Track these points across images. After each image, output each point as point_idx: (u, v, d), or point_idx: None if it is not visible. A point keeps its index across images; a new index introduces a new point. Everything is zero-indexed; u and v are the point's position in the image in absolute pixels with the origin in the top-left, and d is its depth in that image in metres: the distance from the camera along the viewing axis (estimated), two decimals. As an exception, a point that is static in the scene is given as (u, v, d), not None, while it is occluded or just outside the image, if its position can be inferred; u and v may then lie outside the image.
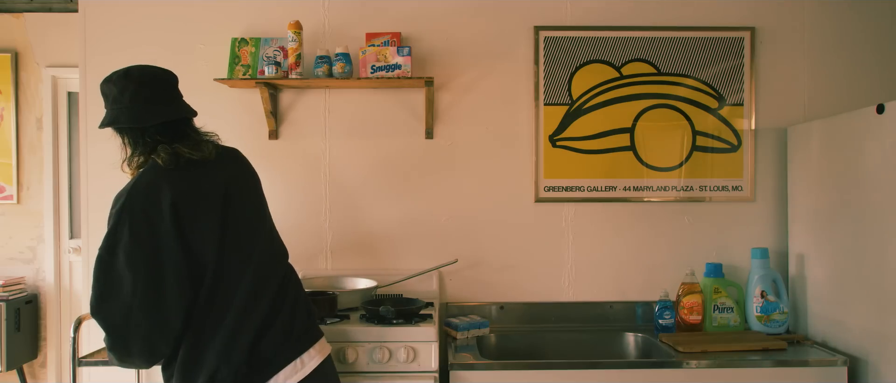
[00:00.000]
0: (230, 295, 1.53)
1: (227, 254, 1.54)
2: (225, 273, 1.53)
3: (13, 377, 3.55)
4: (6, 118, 3.65)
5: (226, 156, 1.68)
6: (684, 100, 2.48)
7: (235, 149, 1.76)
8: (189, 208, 1.50)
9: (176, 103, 1.64)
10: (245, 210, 1.62)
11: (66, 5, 3.60)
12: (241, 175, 1.69)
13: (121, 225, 1.47)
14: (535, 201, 2.48)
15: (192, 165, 1.57)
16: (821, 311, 2.21)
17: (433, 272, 2.39)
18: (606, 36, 2.48)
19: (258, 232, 1.64)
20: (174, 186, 1.50)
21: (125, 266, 1.45)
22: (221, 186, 1.58)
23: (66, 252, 3.71)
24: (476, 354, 2.03)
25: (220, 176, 1.60)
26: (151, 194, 1.49)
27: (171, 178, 1.52)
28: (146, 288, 1.45)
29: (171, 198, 1.48)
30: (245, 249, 1.57)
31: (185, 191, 1.51)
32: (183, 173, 1.54)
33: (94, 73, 2.48)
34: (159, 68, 1.64)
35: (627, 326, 2.42)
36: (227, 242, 1.54)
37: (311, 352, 1.60)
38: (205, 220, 1.52)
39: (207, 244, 1.51)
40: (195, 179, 1.56)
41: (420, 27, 2.48)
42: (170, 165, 1.52)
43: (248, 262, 1.57)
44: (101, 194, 2.48)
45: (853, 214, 2.03)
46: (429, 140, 2.48)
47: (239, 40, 2.42)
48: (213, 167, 1.61)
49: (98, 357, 2.09)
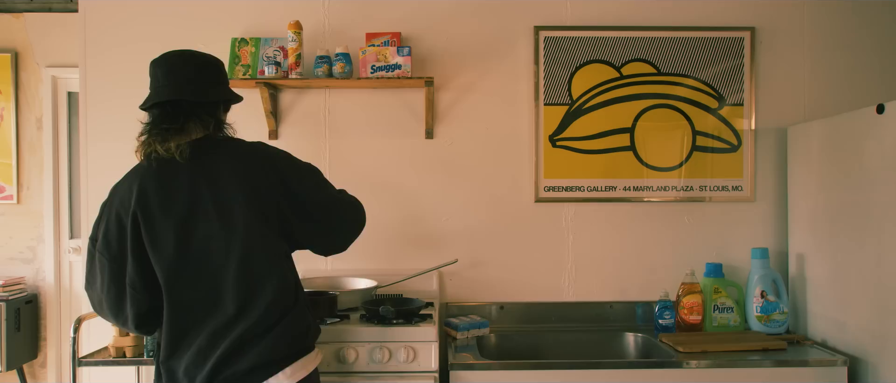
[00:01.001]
0: (185, 310, 1.48)
1: (179, 265, 1.46)
2: (177, 284, 1.47)
3: (13, 377, 3.55)
4: (6, 118, 3.65)
5: (220, 157, 1.53)
6: (684, 100, 2.48)
7: (238, 145, 1.60)
8: (150, 216, 1.47)
9: (170, 87, 1.53)
10: (210, 215, 1.47)
11: (66, 5, 3.60)
12: (223, 175, 1.50)
13: (100, 221, 1.54)
14: (535, 201, 2.48)
15: (165, 163, 1.50)
16: (821, 311, 2.21)
17: (433, 272, 2.39)
18: (606, 36, 2.48)
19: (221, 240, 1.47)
20: (141, 190, 1.48)
21: (98, 262, 1.52)
22: (186, 188, 1.48)
23: (66, 252, 3.71)
24: (476, 354, 2.03)
25: (190, 176, 1.49)
26: (124, 197, 1.51)
27: (145, 179, 1.50)
28: (109, 289, 1.50)
29: (134, 200, 1.47)
30: (199, 262, 1.47)
31: (150, 194, 1.48)
32: (154, 174, 1.50)
33: (94, 72, 2.48)
34: (187, 51, 1.61)
35: (627, 326, 2.42)
36: (180, 252, 1.46)
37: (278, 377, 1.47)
38: (162, 227, 1.46)
39: (160, 253, 1.46)
40: (163, 181, 1.49)
41: (420, 27, 2.48)
42: (145, 163, 1.52)
43: (201, 276, 1.47)
44: (101, 194, 2.46)
45: (853, 214, 2.03)
46: (429, 140, 2.48)
47: (239, 40, 2.42)
48: (190, 168, 1.50)
49: (98, 357, 2.10)
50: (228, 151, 1.56)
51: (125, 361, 2.06)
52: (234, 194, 1.48)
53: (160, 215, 1.47)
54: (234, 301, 1.46)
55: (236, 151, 1.57)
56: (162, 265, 1.47)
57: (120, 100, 2.47)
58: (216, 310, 1.47)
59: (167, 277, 1.47)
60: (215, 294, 1.47)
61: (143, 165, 1.52)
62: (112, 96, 2.48)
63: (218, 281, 1.47)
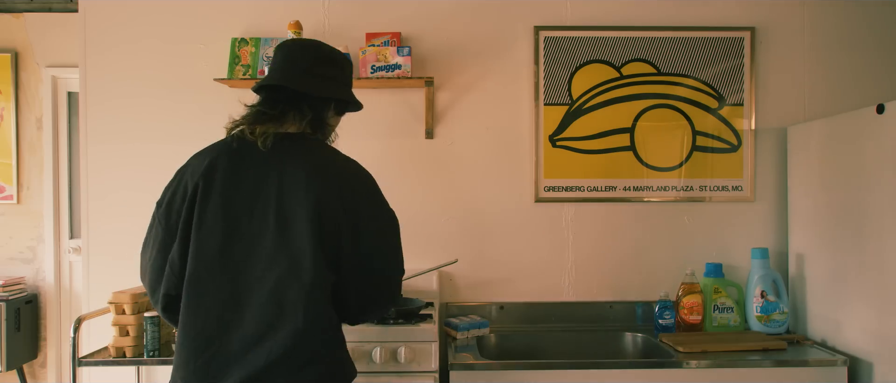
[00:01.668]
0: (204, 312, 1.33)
1: (215, 260, 1.34)
2: (203, 279, 1.34)
3: (13, 377, 3.55)
4: (6, 118, 3.65)
5: (302, 160, 1.39)
6: (684, 100, 2.48)
7: (328, 155, 1.45)
8: (208, 193, 1.36)
9: (285, 73, 1.46)
10: (268, 218, 1.34)
11: (66, 5, 3.60)
12: (298, 182, 1.35)
13: (170, 185, 1.44)
14: (535, 201, 2.48)
15: (246, 149, 1.40)
16: (821, 311, 2.21)
17: (433, 272, 2.39)
18: (606, 36, 2.48)
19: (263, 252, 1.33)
20: (211, 164, 1.38)
21: (155, 229, 1.42)
22: (254, 182, 1.37)
23: (66, 252, 3.71)
24: (476, 354, 2.03)
25: (264, 171, 1.37)
26: (196, 167, 1.40)
27: (220, 155, 1.40)
28: (155, 260, 1.40)
29: (202, 172, 1.37)
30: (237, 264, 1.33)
31: (218, 172, 1.37)
32: (231, 153, 1.40)
33: (94, 72, 2.48)
34: (317, 42, 1.53)
35: (627, 326, 2.42)
36: (222, 246, 1.34)
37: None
38: (214, 213, 1.35)
39: (202, 239, 1.34)
40: (236, 165, 1.38)
41: (420, 27, 2.48)
42: (228, 140, 1.43)
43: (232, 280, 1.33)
44: (101, 194, 2.48)
45: (853, 214, 2.03)
46: (429, 140, 2.48)
47: (239, 40, 2.42)
48: (270, 162, 1.38)
49: (98, 357, 2.10)
50: (314, 159, 1.40)
51: (125, 361, 2.06)
52: (301, 207, 1.32)
53: (219, 197, 1.35)
54: (258, 320, 1.30)
55: (322, 162, 1.41)
56: (197, 251, 1.33)
57: (120, 100, 2.48)
58: (232, 326, 1.31)
59: (195, 267, 1.33)
60: (236, 305, 1.32)
61: (226, 141, 1.43)
62: (112, 96, 2.48)
63: (247, 292, 1.32)
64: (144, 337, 2.05)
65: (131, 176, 2.47)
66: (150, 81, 2.48)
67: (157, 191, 1.50)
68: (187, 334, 1.33)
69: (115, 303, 2.08)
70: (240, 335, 1.30)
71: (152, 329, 2.03)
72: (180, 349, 1.34)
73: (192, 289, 1.33)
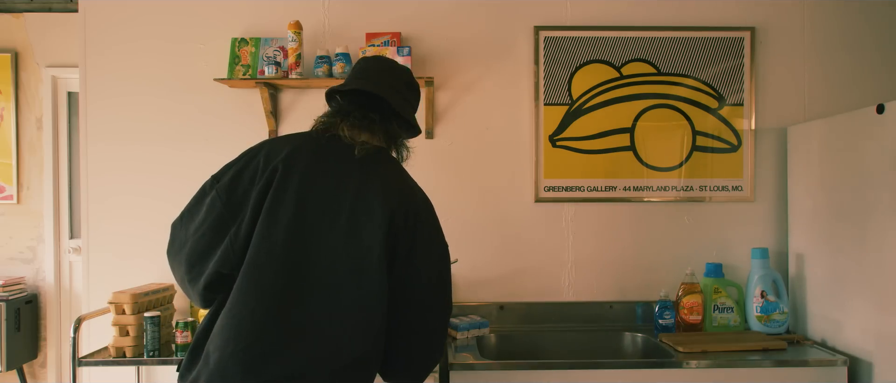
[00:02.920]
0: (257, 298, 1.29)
1: (279, 249, 1.30)
2: (263, 266, 1.30)
3: (13, 377, 3.56)
4: (6, 118, 3.65)
5: (380, 170, 1.40)
6: (684, 100, 2.48)
7: (405, 183, 1.46)
8: (287, 179, 1.34)
9: (381, 84, 1.46)
10: (340, 220, 1.33)
11: (66, 5, 3.60)
12: (374, 193, 1.35)
13: (235, 162, 1.40)
14: (535, 201, 2.48)
15: (333, 144, 1.40)
16: (820, 311, 2.21)
17: (433, 272, 2.39)
18: (606, 36, 2.48)
19: (329, 249, 1.32)
20: (295, 149, 1.37)
21: (210, 202, 1.36)
22: (335, 179, 1.36)
23: (66, 252, 3.71)
24: (476, 354, 2.03)
25: (346, 171, 1.38)
26: (275, 149, 1.38)
27: (303, 146, 1.39)
28: (204, 235, 1.34)
29: (281, 160, 1.35)
30: (298, 259, 1.31)
31: (301, 160, 1.36)
32: (318, 145, 1.40)
33: (94, 72, 2.48)
34: (404, 66, 1.59)
35: (627, 326, 2.42)
36: (288, 236, 1.31)
37: None
38: (290, 200, 1.32)
39: (270, 224, 1.31)
40: (321, 158, 1.38)
41: (420, 27, 2.48)
42: (314, 133, 1.43)
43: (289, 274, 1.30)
44: (100, 194, 2.48)
45: (853, 214, 2.03)
46: (429, 140, 2.48)
47: (239, 40, 2.42)
48: (352, 164, 1.38)
49: (98, 357, 2.10)
50: (391, 174, 1.43)
51: (125, 361, 2.07)
52: (372, 216, 1.33)
53: (296, 186, 1.33)
54: (308, 319, 1.28)
55: (398, 179, 1.44)
56: (264, 236, 1.30)
57: (120, 100, 2.48)
58: (282, 318, 1.27)
59: (258, 251, 1.29)
60: (290, 298, 1.28)
61: (313, 133, 1.42)
62: (112, 96, 2.48)
63: (303, 288, 1.29)
64: (144, 337, 2.05)
65: (131, 176, 2.47)
66: (150, 81, 2.48)
67: (157, 191, 1.50)
68: (235, 316, 1.28)
69: (115, 303, 2.09)
70: (288, 329, 1.27)
71: (152, 329, 2.04)
72: (222, 329, 1.27)
73: (249, 272, 1.29)
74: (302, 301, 1.29)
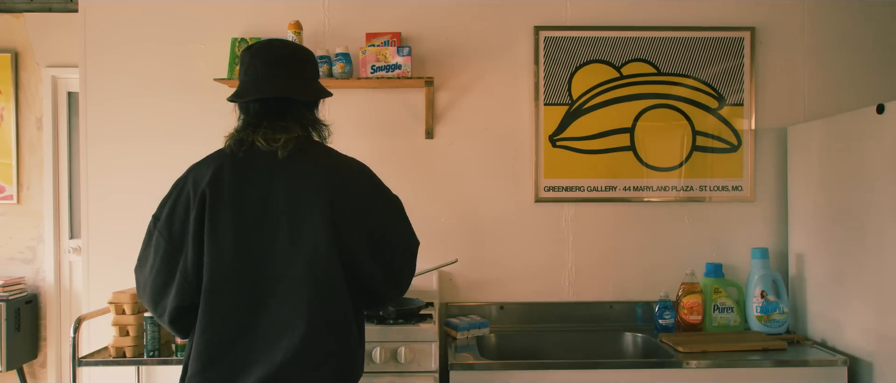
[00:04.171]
0: (223, 317, 1.35)
1: (231, 265, 1.35)
2: (223, 285, 1.35)
3: (13, 377, 3.55)
4: (6, 118, 3.65)
5: (306, 158, 1.43)
6: (684, 100, 2.48)
7: (328, 154, 1.49)
8: (217, 201, 1.37)
9: (276, 81, 1.44)
10: (280, 221, 1.37)
11: (66, 5, 3.60)
12: (306, 183, 1.39)
13: (168, 198, 1.44)
14: (535, 201, 2.48)
15: (251, 155, 1.41)
16: (820, 311, 2.21)
17: (433, 272, 2.39)
18: (606, 36, 2.48)
19: (277, 254, 1.37)
20: (216, 172, 1.39)
21: (155, 241, 1.41)
22: (263, 186, 1.39)
23: (66, 252, 3.71)
24: (476, 354, 2.03)
25: (271, 175, 1.40)
26: (199, 176, 1.41)
27: (224, 164, 1.41)
28: (158, 273, 1.39)
29: (208, 181, 1.38)
30: (253, 268, 1.36)
31: (225, 180, 1.39)
32: (237, 161, 1.41)
33: (94, 72, 2.48)
34: (286, 43, 1.52)
35: (627, 326, 2.42)
36: (236, 251, 1.36)
37: None
38: (226, 219, 1.36)
39: (216, 245, 1.36)
40: (243, 171, 1.40)
41: (420, 27, 2.48)
42: (230, 150, 1.43)
43: (251, 284, 1.35)
44: (100, 194, 2.48)
45: (853, 214, 2.03)
46: (429, 140, 2.48)
47: (239, 40, 2.42)
48: (276, 165, 1.40)
49: (98, 357, 2.10)
50: (317, 159, 1.45)
51: (125, 361, 2.06)
52: (311, 207, 1.36)
53: (229, 204, 1.37)
54: (275, 321, 1.33)
55: (325, 162, 1.45)
56: (213, 259, 1.35)
57: (120, 100, 2.48)
58: (252, 329, 1.34)
59: (212, 275, 1.34)
60: (255, 308, 1.34)
61: (228, 151, 1.43)
62: (112, 96, 2.48)
63: (265, 295, 1.35)
64: (144, 337, 2.05)
65: (131, 176, 2.47)
66: (150, 81, 2.48)
67: (157, 191, 1.51)
68: (208, 340, 1.34)
69: (115, 303, 2.09)
70: (260, 335, 1.34)
71: (152, 329, 2.03)
72: (199, 355, 1.34)
73: (210, 297, 1.35)
74: (266, 311, 1.34)
